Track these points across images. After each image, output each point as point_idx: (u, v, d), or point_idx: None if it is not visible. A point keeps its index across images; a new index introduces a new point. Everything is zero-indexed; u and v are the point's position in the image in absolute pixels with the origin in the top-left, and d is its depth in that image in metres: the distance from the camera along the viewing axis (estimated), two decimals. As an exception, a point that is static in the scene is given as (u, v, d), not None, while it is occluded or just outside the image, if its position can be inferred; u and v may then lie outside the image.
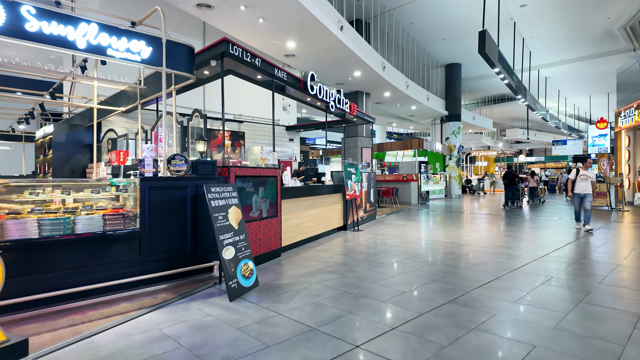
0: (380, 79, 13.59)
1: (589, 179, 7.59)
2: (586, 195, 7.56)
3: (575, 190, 7.75)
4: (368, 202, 9.73)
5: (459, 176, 20.51)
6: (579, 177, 7.68)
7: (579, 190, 7.67)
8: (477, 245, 6.31)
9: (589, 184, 7.60)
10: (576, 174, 7.76)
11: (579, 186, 7.66)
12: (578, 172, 7.75)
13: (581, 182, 7.61)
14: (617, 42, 16.91)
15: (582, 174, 7.67)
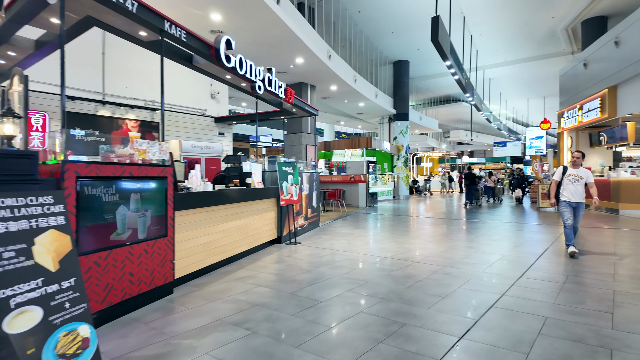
0: (326, 69, 12.24)
1: (581, 181, 5.41)
2: (579, 205, 5.44)
3: (563, 198, 5.52)
4: (310, 208, 8.27)
5: (406, 177, 19.86)
6: (567, 178, 5.50)
7: (569, 196, 5.44)
8: (436, 262, 5.07)
9: (582, 188, 5.43)
10: (562, 174, 5.56)
11: (567, 191, 5.46)
12: (565, 171, 5.56)
13: (570, 184, 5.44)
14: (558, 44, 17.12)
15: (571, 173, 5.48)
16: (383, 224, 9.28)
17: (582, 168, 5.53)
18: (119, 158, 3.36)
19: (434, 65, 20.47)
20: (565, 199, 5.50)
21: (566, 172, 5.56)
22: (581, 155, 5.53)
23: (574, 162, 5.59)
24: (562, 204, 5.55)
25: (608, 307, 3.24)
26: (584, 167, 5.66)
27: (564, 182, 5.53)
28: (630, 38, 10.04)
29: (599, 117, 11.75)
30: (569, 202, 5.48)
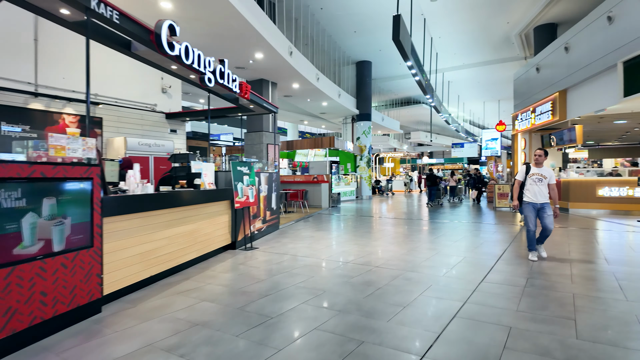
0: (287, 66, 11.86)
1: (545, 180, 5.05)
2: (544, 207, 5.03)
3: (526, 199, 5.14)
4: (269, 210, 7.87)
5: (369, 177, 19.90)
6: (530, 177, 5.13)
7: (532, 197, 5.06)
8: (397, 266, 4.86)
9: (546, 188, 5.06)
10: (525, 173, 5.22)
11: (531, 191, 5.08)
12: (528, 169, 5.21)
13: (533, 185, 5.06)
14: (513, 49, 17.80)
15: (534, 172, 5.12)
16: (345, 226, 9.06)
17: (545, 167, 5.17)
18: (33, 156, 2.82)
19: (396, 67, 20.68)
20: (529, 200, 5.11)
21: (529, 171, 5.20)
22: (543, 153, 5.16)
23: (536, 161, 5.19)
24: (525, 206, 5.15)
25: (570, 313, 3.14)
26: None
27: (527, 182, 5.15)
28: (579, 44, 10.50)
29: (551, 119, 12.23)
30: (533, 204, 5.09)
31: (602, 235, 7.22)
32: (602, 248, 5.97)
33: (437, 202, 15.13)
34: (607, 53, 9.05)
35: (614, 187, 10.91)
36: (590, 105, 10.21)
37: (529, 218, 5.14)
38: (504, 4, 13.21)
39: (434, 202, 14.82)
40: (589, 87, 10.23)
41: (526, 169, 5.26)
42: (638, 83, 7.93)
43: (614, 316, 3.05)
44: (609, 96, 9.20)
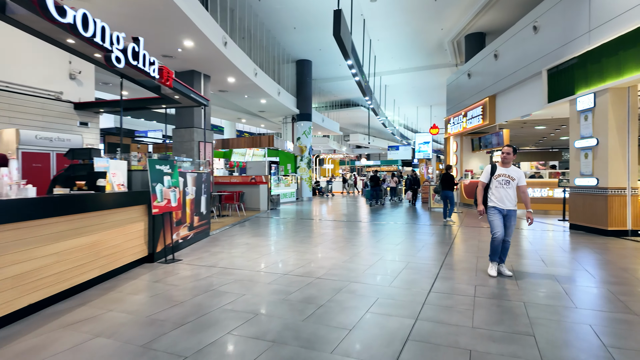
0: (222, 58, 10.97)
1: (513, 183, 4.38)
2: (510, 215, 4.40)
3: (491, 203, 4.46)
4: (197, 215, 7.00)
5: (309, 178, 19.52)
6: (496, 179, 4.44)
7: (498, 202, 4.40)
8: (340, 276, 4.40)
9: (514, 192, 4.41)
10: (490, 174, 4.51)
11: (497, 195, 4.41)
12: (494, 170, 4.50)
13: (500, 187, 4.39)
14: (445, 56, 18.57)
15: (501, 173, 4.43)
16: (284, 230, 8.46)
17: (513, 167, 4.48)
18: None
19: (336, 68, 20.59)
20: (495, 204, 4.42)
21: (495, 171, 4.48)
22: (512, 151, 4.42)
23: (503, 159, 4.47)
24: (491, 210, 4.46)
25: (526, 327, 2.88)
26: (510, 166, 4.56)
27: (493, 185, 4.46)
28: (507, 52, 11.04)
29: (481, 123, 12.80)
30: (499, 209, 4.40)
31: (532, 235, 7.48)
32: (536, 249, 6.09)
33: (379, 202, 15.96)
34: (533, 61, 9.56)
35: (537, 188, 11.66)
36: (517, 111, 10.78)
37: (494, 223, 4.40)
38: (439, 10, 13.59)
39: (377, 202, 15.56)
40: (516, 93, 10.79)
41: (491, 169, 4.52)
42: (560, 90, 8.42)
43: (571, 329, 2.85)
44: (534, 102, 9.73)
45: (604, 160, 7.25)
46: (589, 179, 7.59)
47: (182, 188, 6.23)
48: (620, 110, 7.10)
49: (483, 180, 4.59)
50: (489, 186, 4.54)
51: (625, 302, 3.43)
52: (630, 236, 7.00)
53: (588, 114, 7.59)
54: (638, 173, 7.25)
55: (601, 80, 7.21)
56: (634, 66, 6.50)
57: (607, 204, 7.14)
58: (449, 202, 9.76)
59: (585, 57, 7.60)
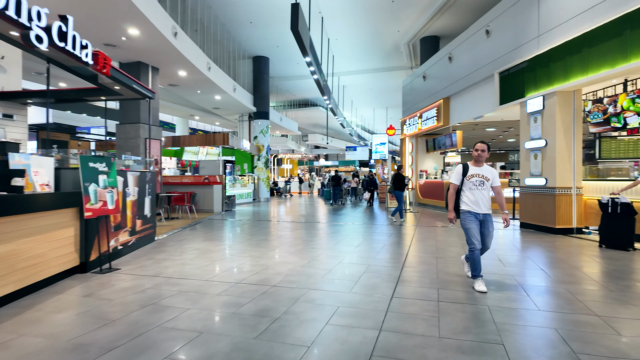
0: (171, 49, 10.24)
1: (487, 183, 3.91)
2: (486, 219, 3.91)
3: (465, 207, 3.95)
4: (140, 218, 6.37)
5: (267, 178, 19.02)
6: (469, 180, 3.94)
7: (473, 206, 3.90)
8: (298, 283, 4.09)
9: (488, 194, 3.94)
10: (462, 175, 3.98)
11: (470, 198, 3.92)
12: (466, 170, 3.98)
13: (474, 189, 3.90)
14: (401, 58, 18.89)
15: (474, 173, 3.93)
16: (239, 233, 7.99)
17: (486, 166, 4.01)
18: None
19: (294, 67, 20.26)
20: (469, 208, 3.90)
21: (467, 172, 3.97)
22: (486, 148, 3.95)
23: (477, 157, 3.96)
24: (465, 216, 3.92)
25: (494, 334, 2.74)
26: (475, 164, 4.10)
27: (466, 186, 3.95)
28: (461, 55, 11.32)
29: (436, 125, 13.06)
30: (475, 214, 3.88)
31: (486, 233, 7.61)
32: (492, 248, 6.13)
33: (340, 202, 16.43)
34: (486, 64, 9.84)
35: (487, 188, 12.05)
36: (471, 112, 11.07)
37: (471, 232, 3.84)
38: (396, 12, 13.71)
39: (337, 202, 15.95)
40: (469, 96, 11.08)
41: (463, 169, 4.00)
42: (511, 93, 8.70)
43: (538, 334, 2.75)
44: (486, 104, 10.02)
45: (552, 160, 7.55)
46: (538, 179, 7.89)
47: (121, 189, 5.60)
48: (566, 112, 7.43)
49: (454, 181, 4.03)
50: (461, 188, 4.00)
51: (585, 302, 3.43)
52: (575, 234, 7.34)
53: (537, 116, 7.88)
54: (582, 173, 7.63)
55: (549, 84, 7.50)
56: (579, 71, 6.80)
57: (555, 203, 7.44)
58: (398, 202, 9.85)
59: (535, 61, 7.88)
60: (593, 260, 5.20)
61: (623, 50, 5.93)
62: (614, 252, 5.64)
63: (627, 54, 5.86)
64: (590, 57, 6.53)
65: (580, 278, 4.27)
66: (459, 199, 4.05)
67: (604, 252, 5.68)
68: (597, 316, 3.07)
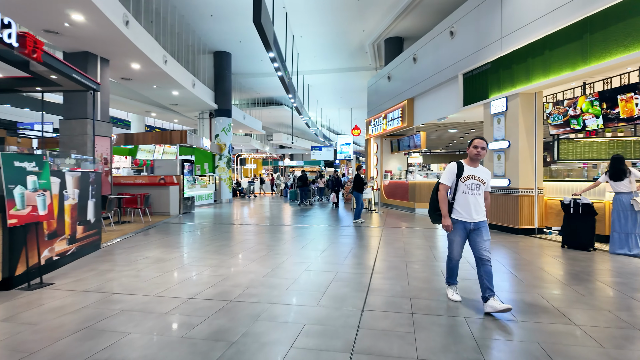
0: (123, 39, 9.42)
1: (483, 187, 3.41)
2: (480, 228, 3.36)
3: (457, 216, 3.43)
4: (82, 224, 5.68)
5: (229, 179, 18.30)
6: (464, 182, 3.39)
7: (463, 213, 3.38)
8: (259, 296, 3.71)
9: (482, 198, 3.42)
10: (456, 175, 3.41)
11: (463, 204, 3.39)
12: (461, 170, 3.40)
13: (468, 194, 3.37)
14: (366, 59, 18.85)
15: (470, 175, 3.39)
16: (197, 238, 7.42)
17: (482, 167, 3.47)
18: None
19: (258, 64, 19.67)
20: (461, 217, 3.36)
21: (462, 172, 3.38)
22: (486, 145, 3.40)
23: (475, 156, 3.37)
24: (458, 225, 3.41)
25: (475, 351, 2.51)
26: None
27: (458, 189, 3.38)
28: (425, 56, 11.35)
29: (400, 125, 13.06)
30: (465, 223, 3.35)
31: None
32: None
33: (308, 202, 16.34)
34: (450, 65, 9.88)
35: (451, 188, 12.18)
36: (435, 113, 11.12)
37: (454, 244, 3.46)
38: (361, 10, 13.57)
39: (304, 202, 15.96)
40: (434, 97, 11.12)
41: (457, 168, 3.40)
42: (475, 94, 8.76)
43: (521, 350, 2.55)
44: (450, 105, 10.07)
45: (515, 161, 7.63)
46: (501, 179, 7.96)
47: (57, 191, 4.93)
48: (529, 114, 7.54)
49: (445, 182, 3.45)
50: (454, 191, 3.41)
51: (560, 309, 3.31)
52: (537, 234, 7.46)
53: (501, 117, 7.96)
54: (543, 174, 7.78)
55: (512, 86, 7.58)
56: (540, 73, 6.89)
57: (518, 203, 7.53)
58: (356, 203, 9.72)
59: (498, 62, 7.95)
60: (558, 261, 5.21)
61: (583, 54, 6.03)
62: (577, 252, 5.72)
63: (587, 57, 5.97)
64: (551, 59, 6.63)
65: (550, 282, 4.20)
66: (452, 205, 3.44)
67: (567, 252, 5.74)
68: (577, 326, 2.94)
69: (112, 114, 22.18)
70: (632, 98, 5.88)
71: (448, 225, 3.40)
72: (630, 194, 5.40)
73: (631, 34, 5.36)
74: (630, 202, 5.37)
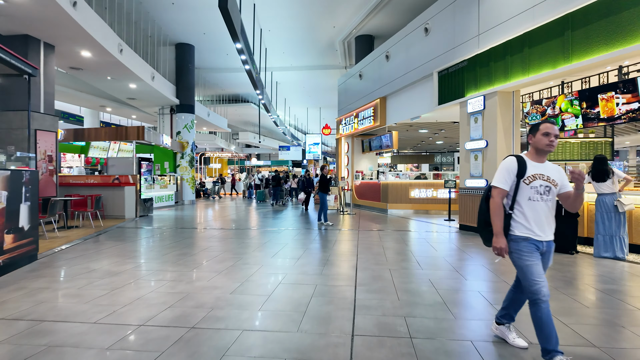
0: (69, 22, 8.39)
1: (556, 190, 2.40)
2: (550, 248, 2.42)
3: (520, 231, 2.37)
4: (13, 232, 4.78)
5: (192, 178, 17.27)
6: (529, 184, 2.37)
7: (532, 227, 2.35)
8: (226, 319, 3.12)
9: (554, 207, 2.40)
10: (517, 176, 2.39)
11: (530, 214, 2.35)
12: (523, 168, 2.38)
13: (538, 200, 2.35)
14: (336, 57, 18.46)
15: (538, 174, 2.38)
16: (154, 245, 6.63)
17: (549, 163, 2.47)
18: None
19: (223, 58, 18.75)
20: (526, 233, 2.35)
21: (525, 170, 2.38)
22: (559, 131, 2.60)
23: (545, 147, 2.37)
24: (520, 246, 2.35)
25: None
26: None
27: (523, 195, 2.37)
28: (398, 53, 11.08)
29: (372, 125, 12.74)
30: (536, 242, 2.34)
31: (426, 237, 7.27)
32: (442, 255, 5.73)
33: (281, 202, 16.38)
34: (424, 63, 9.64)
35: (423, 189, 12.04)
36: (408, 112, 10.86)
37: (532, 271, 2.30)
38: (332, 5, 13.12)
39: (277, 202, 15.99)
40: (407, 95, 10.87)
41: (518, 165, 2.39)
42: (451, 92, 8.54)
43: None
44: (424, 104, 9.83)
45: (492, 162, 7.45)
46: (478, 180, 7.77)
47: (-25, 194, 4.05)
48: (507, 113, 7.38)
49: (501, 185, 2.40)
50: (514, 198, 2.38)
51: (572, 327, 2.96)
52: (515, 235, 7.30)
53: (478, 116, 7.76)
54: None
55: (490, 84, 7.39)
56: (520, 71, 6.73)
57: (496, 204, 7.33)
58: (322, 205, 9.33)
59: (475, 60, 7.75)
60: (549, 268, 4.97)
61: (565, 51, 5.89)
62: (560, 256, 5.54)
63: (569, 54, 5.83)
64: (531, 57, 6.47)
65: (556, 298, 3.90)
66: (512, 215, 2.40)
67: (550, 255, 5.56)
68: (597, 348, 2.59)
69: (63, 108, 20.38)
70: (613, 97, 5.81)
71: (501, 247, 2.36)
72: (613, 194, 5.28)
73: (614, 31, 5.23)
74: (613, 204, 5.24)
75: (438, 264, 5.10)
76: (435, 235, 7.48)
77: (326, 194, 9.51)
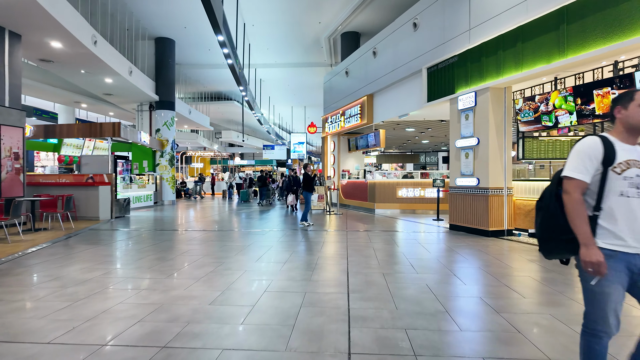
0: (36, 8, 7.80)
1: None
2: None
3: (605, 243, 1.66)
4: (-37, 236, 4.25)
5: (172, 178, 16.64)
6: (620, 174, 1.64)
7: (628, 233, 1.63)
8: (206, 336, 2.74)
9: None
10: (604, 164, 1.65)
11: (622, 216, 1.64)
12: (610, 153, 1.65)
13: (633, 197, 1.64)
14: (321, 54, 18.12)
15: (631, 159, 1.66)
16: (128, 249, 6.14)
17: None
18: None
19: (205, 54, 18.16)
20: (619, 245, 1.66)
21: (614, 156, 1.67)
22: None
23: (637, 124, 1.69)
24: (609, 263, 1.64)
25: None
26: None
27: (613, 189, 1.67)
28: (385, 50, 10.82)
29: (359, 122, 12.46)
30: (629, 258, 1.65)
31: (415, 237, 7.02)
32: (435, 257, 5.46)
33: (268, 202, 16.38)
34: (413, 59, 9.40)
35: (410, 188, 11.83)
36: (396, 110, 10.61)
37: (606, 301, 1.68)
38: (318, 0, 12.78)
39: (265, 201, 16.02)
40: (395, 92, 10.62)
41: (605, 149, 1.69)
42: (440, 89, 8.32)
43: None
44: (413, 101, 9.60)
45: (484, 160, 7.25)
46: (469, 178, 7.57)
47: None
48: (499, 110, 7.19)
49: (579, 176, 1.70)
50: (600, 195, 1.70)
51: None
52: (507, 236, 7.13)
53: (469, 113, 7.56)
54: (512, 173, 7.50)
55: (481, 80, 7.19)
56: (512, 66, 6.54)
57: (488, 204, 7.15)
58: (307, 205, 9.06)
59: (466, 55, 7.55)
60: (547, 270, 4.76)
61: (560, 45, 5.71)
62: (557, 256, 5.35)
63: (564, 48, 5.65)
64: (524, 52, 6.28)
65: (564, 303, 3.67)
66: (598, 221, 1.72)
67: (547, 256, 5.36)
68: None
69: (35, 104, 19.37)
70: (609, 93, 5.67)
71: (599, 261, 1.62)
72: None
73: (612, 25, 5.07)
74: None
75: (433, 266, 4.83)
76: (425, 236, 7.23)
77: (311, 193, 9.27)
